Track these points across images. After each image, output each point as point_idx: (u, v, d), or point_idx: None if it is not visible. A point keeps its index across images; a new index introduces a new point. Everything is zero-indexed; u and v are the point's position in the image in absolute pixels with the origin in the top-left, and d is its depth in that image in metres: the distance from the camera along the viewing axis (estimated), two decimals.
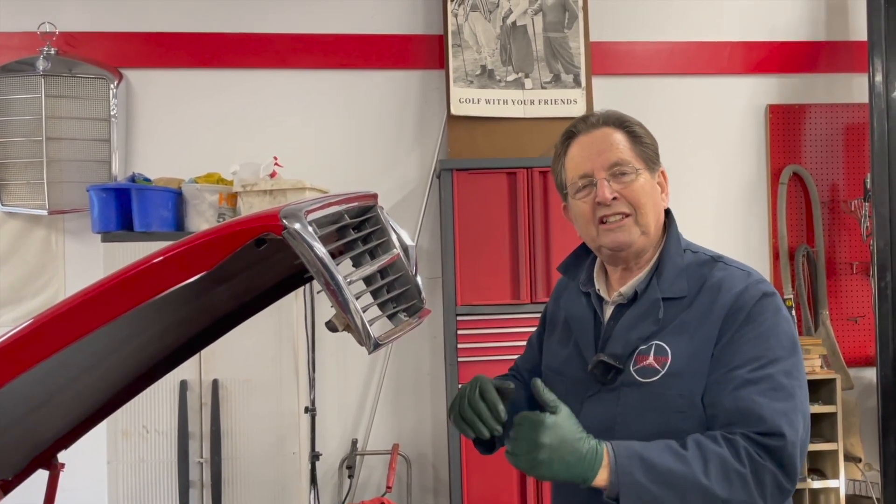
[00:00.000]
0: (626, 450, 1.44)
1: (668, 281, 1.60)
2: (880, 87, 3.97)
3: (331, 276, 1.29)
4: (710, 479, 1.39)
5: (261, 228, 1.28)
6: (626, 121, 1.69)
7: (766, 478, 1.41)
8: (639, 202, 1.61)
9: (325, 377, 4.06)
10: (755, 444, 1.42)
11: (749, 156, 4.45)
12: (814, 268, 4.38)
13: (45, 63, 3.86)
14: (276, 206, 1.32)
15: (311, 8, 4.23)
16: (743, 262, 1.66)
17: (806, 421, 1.49)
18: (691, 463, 1.41)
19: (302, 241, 1.26)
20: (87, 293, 1.25)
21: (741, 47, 4.43)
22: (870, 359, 4.25)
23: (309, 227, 1.28)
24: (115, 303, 1.25)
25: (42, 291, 4.06)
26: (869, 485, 4.14)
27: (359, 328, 1.33)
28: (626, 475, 1.41)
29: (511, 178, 3.80)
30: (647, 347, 1.57)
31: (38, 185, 3.87)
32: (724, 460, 1.41)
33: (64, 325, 1.24)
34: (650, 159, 1.66)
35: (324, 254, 1.28)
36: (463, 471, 3.69)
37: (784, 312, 1.56)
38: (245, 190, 3.70)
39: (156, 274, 1.26)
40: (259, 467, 3.57)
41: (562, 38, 4.16)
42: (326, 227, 1.39)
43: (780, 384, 1.47)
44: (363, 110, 4.24)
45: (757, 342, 1.50)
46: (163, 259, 1.27)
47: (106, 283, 1.25)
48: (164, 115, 4.15)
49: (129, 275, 1.26)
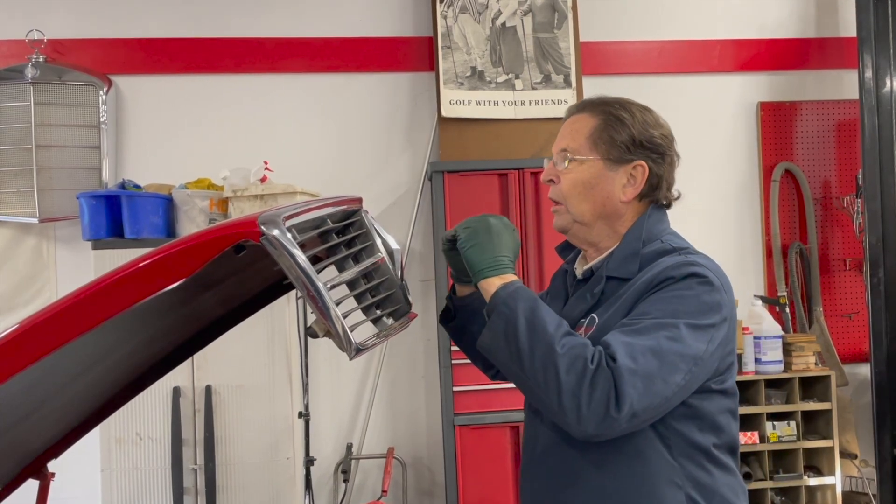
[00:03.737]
0: (529, 291, 1.54)
1: (617, 262, 1.63)
2: (870, 83, 3.97)
3: (310, 282, 1.27)
4: (562, 350, 1.43)
5: (238, 235, 1.26)
6: (608, 105, 1.68)
7: (600, 382, 1.40)
8: (568, 192, 1.66)
9: (318, 382, 4.05)
10: (608, 359, 1.43)
11: (741, 153, 4.45)
12: (807, 265, 4.38)
13: (34, 70, 3.86)
14: (256, 212, 1.30)
15: (300, 12, 4.22)
16: (711, 260, 1.63)
17: (661, 363, 1.43)
18: (559, 330, 1.47)
19: (280, 248, 1.25)
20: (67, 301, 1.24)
21: (731, 45, 4.44)
22: (864, 355, 4.25)
23: (287, 234, 1.26)
24: (95, 310, 1.23)
25: (34, 300, 4.04)
26: (865, 481, 4.14)
27: (339, 334, 1.32)
28: (513, 298, 1.51)
29: (502, 180, 3.79)
30: (585, 320, 1.62)
31: (28, 193, 3.86)
32: (581, 348, 1.44)
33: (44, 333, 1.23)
34: (616, 149, 1.64)
35: (302, 260, 1.26)
36: (458, 474, 3.68)
37: (703, 297, 1.51)
38: (236, 195, 3.69)
39: (135, 281, 1.25)
40: (253, 473, 3.56)
41: (551, 39, 4.16)
42: (307, 233, 1.38)
43: (645, 328, 1.46)
44: (354, 113, 4.24)
45: (653, 303, 1.51)
46: (141, 266, 1.26)
47: (85, 290, 1.24)
48: (153, 122, 4.14)
49: (108, 282, 1.25)
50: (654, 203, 1.69)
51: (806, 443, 3.92)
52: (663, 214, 1.71)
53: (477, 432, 3.68)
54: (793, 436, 3.90)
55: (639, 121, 1.65)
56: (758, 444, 3.87)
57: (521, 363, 1.46)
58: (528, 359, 1.45)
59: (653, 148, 1.65)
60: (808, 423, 3.98)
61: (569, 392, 1.41)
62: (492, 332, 1.51)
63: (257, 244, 1.26)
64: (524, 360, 1.46)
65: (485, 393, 3.64)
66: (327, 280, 1.35)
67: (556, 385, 1.42)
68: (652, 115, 1.69)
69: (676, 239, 1.68)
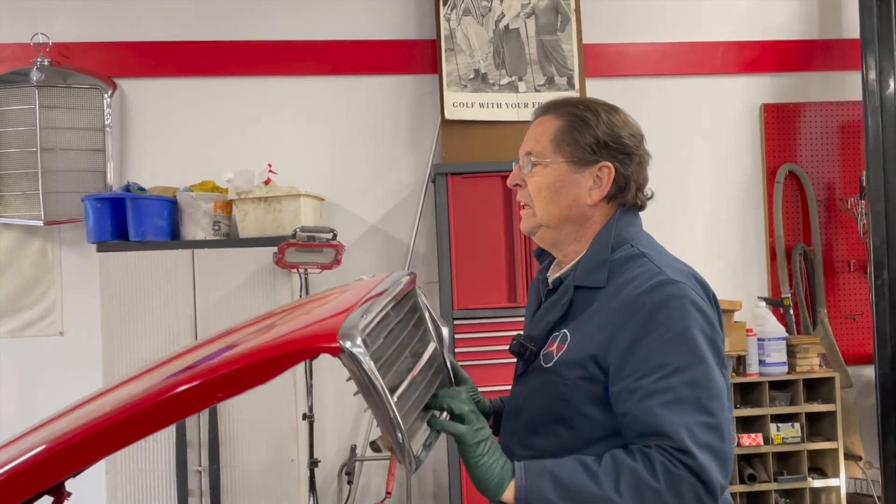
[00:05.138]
0: (537, 466, 1.44)
1: (584, 270, 1.58)
2: (874, 85, 3.97)
3: (382, 402, 1.25)
4: (622, 496, 1.37)
5: (318, 350, 1.24)
6: (571, 106, 1.65)
7: (685, 490, 1.36)
8: (535, 195, 1.63)
9: (322, 383, 4.05)
10: (671, 457, 1.38)
11: (744, 155, 4.45)
12: (811, 266, 4.38)
13: (39, 74, 3.87)
14: (330, 321, 1.27)
15: (303, 15, 4.23)
16: (676, 260, 1.60)
17: (722, 433, 1.42)
18: (602, 479, 1.39)
19: (357, 364, 1.23)
20: (133, 408, 1.21)
21: (734, 47, 4.43)
22: (868, 357, 4.24)
23: (364, 350, 1.24)
24: (161, 418, 1.21)
25: (39, 302, 4.06)
26: (870, 483, 4.13)
27: (404, 449, 1.30)
28: (534, 492, 1.41)
29: (506, 182, 3.78)
30: (558, 334, 1.57)
31: (33, 195, 3.88)
32: (637, 475, 1.37)
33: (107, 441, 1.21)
34: (580, 150, 1.60)
35: (379, 382, 1.25)
36: (462, 476, 3.67)
37: (694, 315, 1.46)
38: (240, 197, 3.70)
39: (207, 391, 1.22)
40: (258, 475, 3.56)
41: (555, 41, 4.16)
42: (378, 340, 1.35)
43: (685, 396, 1.41)
44: (357, 116, 4.25)
45: (661, 349, 1.43)
46: (215, 377, 1.22)
47: (153, 397, 1.21)
48: (158, 124, 4.16)
49: (179, 392, 1.21)
50: (623, 205, 1.64)
51: (810, 445, 3.91)
52: (634, 216, 1.65)
53: None
54: (797, 438, 3.89)
55: (604, 121, 1.61)
56: (762, 446, 3.86)
57: None
58: None
59: (619, 148, 1.60)
60: (813, 424, 3.97)
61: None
62: None
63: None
64: None
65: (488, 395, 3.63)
66: (397, 394, 1.32)
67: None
68: (619, 114, 1.64)
69: (646, 242, 1.62)
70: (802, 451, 3.90)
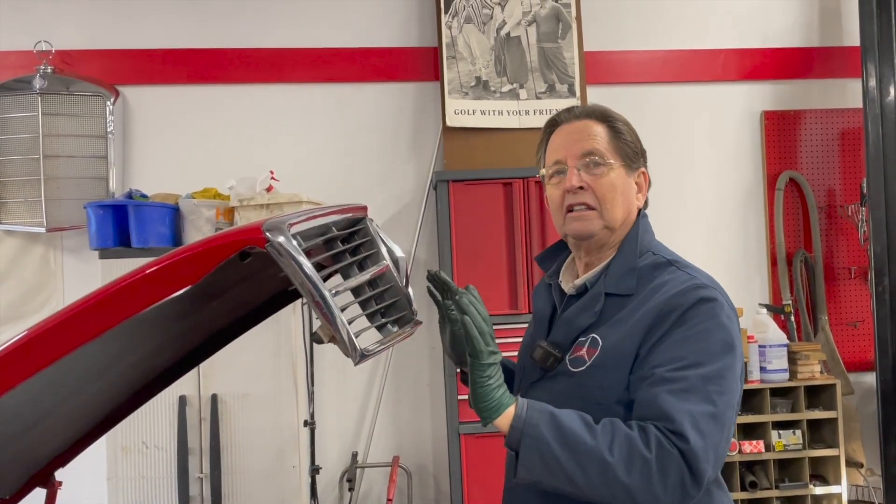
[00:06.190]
0: (539, 405, 1.47)
1: (615, 277, 1.60)
2: (874, 92, 3.98)
3: (315, 288, 1.27)
4: (613, 456, 1.38)
5: (244, 242, 1.27)
6: (610, 115, 1.68)
7: (672, 468, 1.37)
8: (605, 196, 1.61)
9: (324, 390, 4.06)
10: (667, 437, 1.39)
11: (745, 162, 4.46)
12: (812, 273, 4.38)
13: (42, 81, 3.89)
14: (261, 219, 1.30)
15: (305, 22, 4.25)
16: (702, 270, 1.61)
17: (723, 427, 1.44)
18: (598, 436, 1.40)
19: (286, 254, 1.25)
20: (73, 308, 1.24)
21: (735, 54, 4.45)
22: (869, 363, 4.24)
23: (293, 241, 1.27)
24: (101, 318, 1.24)
25: (41, 309, 4.06)
26: (871, 490, 4.13)
27: (344, 340, 1.32)
28: (532, 426, 1.43)
29: (507, 189, 3.80)
30: (585, 339, 1.57)
31: (35, 202, 3.89)
32: (631, 442, 1.39)
33: (51, 340, 1.24)
34: (628, 156, 1.65)
35: (307, 266, 1.27)
36: (464, 482, 3.68)
37: (722, 320, 1.49)
38: (242, 204, 3.71)
39: (141, 288, 1.25)
40: (259, 482, 3.56)
41: (556, 49, 4.17)
42: (312, 240, 1.38)
43: (695, 387, 1.43)
44: (359, 123, 4.26)
45: (683, 344, 1.47)
46: (147, 273, 1.26)
47: (92, 298, 1.25)
48: (160, 132, 4.17)
49: (114, 290, 1.25)
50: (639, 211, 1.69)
51: (811, 451, 3.91)
52: (648, 223, 1.70)
53: (482, 441, 3.68)
54: (798, 444, 3.89)
55: (630, 129, 1.69)
56: (763, 453, 3.86)
57: (574, 484, 1.41)
58: (583, 478, 1.39)
59: (644, 156, 1.70)
60: (814, 431, 3.97)
61: (641, 490, 1.38)
62: (528, 468, 1.43)
63: (263, 251, 1.26)
64: (577, 481, 1.40)
65: None
66: (332, 286, 1.35)
67: (624, 490, 1.38)
68: None
69: (665, 250, 1.67)
70: (804, 458, 3.90)
